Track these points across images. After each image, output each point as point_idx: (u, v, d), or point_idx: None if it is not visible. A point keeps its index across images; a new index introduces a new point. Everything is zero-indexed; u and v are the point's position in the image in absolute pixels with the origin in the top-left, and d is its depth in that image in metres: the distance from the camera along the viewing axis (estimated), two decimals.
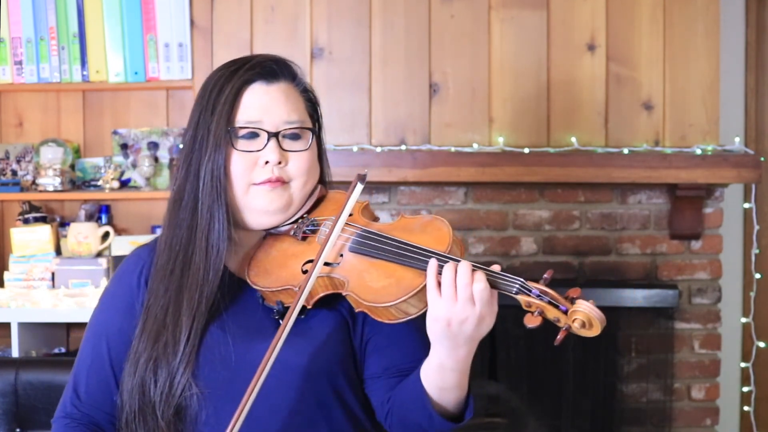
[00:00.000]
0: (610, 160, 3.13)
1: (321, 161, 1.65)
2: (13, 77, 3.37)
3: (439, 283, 1.38)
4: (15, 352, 2.95)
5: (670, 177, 3.14)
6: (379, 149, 3.14)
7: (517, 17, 3.23)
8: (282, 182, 1.54)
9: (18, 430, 2.16)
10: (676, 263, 3.29)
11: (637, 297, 3.17)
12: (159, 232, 3.36)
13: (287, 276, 1.52)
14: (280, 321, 1.49)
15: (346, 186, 1.57)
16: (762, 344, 3.39)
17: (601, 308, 1.39)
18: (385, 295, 1.43)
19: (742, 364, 3.53)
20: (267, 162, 1.53)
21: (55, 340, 3.33)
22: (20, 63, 3.35)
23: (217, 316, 1.52)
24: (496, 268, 1.41)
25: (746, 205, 3.45)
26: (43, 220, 3.39)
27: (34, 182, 3.41)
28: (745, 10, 3.74)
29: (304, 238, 1.56)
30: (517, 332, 3.30)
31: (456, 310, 1.37)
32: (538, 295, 1.38)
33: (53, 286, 3.26)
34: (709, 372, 3.33)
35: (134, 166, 3.43)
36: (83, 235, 3.25)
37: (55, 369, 2.24)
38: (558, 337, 1.37)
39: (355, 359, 1.58)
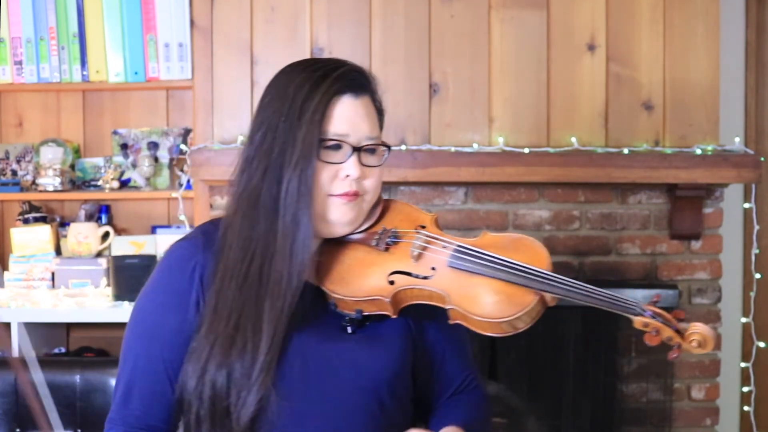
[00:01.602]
0: (610, 160, 3.13)
1: None
2: (13, 77, 3.37)
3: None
4: (15, 352, 2.95)
5: (670, 177, 3.14)
6: None
7: (517, 17, 3.23)
8: (357, 196, 1.56)
9: (18, 430, 2.16)
10: (676, 263, 3.29)
11: (637, 297, 3.14)
12: (159, 231, 3.31)
13: (372, 286, 1.54)
14: (349, 328, 1.53)
15: None
16: (762, 344, 3.39)
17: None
18: (497, 310, 1.49)
19: (742, 364, 3.53)
20: (348, 176, 1.54)
21: (55, 340, 3.33)
22: (20, 63, 3.35)
23: (296, 323, 1.51)
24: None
25: (746, 205, 3.45)
26: (43, 220, 3.39)
27: (34, 182, 3.42)
28: (745, 10, 3.74)
29: (386, 249, 1.58)
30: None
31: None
32: (653, 316, 1.49)
33: (53, 286, 3.26)
34: (709, 372, 3.33)
35: (134, 166, 3.43)
36: (83, 235, 3.25)
37: (55, 369, 2.24)
38: (673, 355, 1.50)
39: (410, 365, 1.61)
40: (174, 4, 3.32)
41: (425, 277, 1.53)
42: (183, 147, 3.37)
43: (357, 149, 1.54)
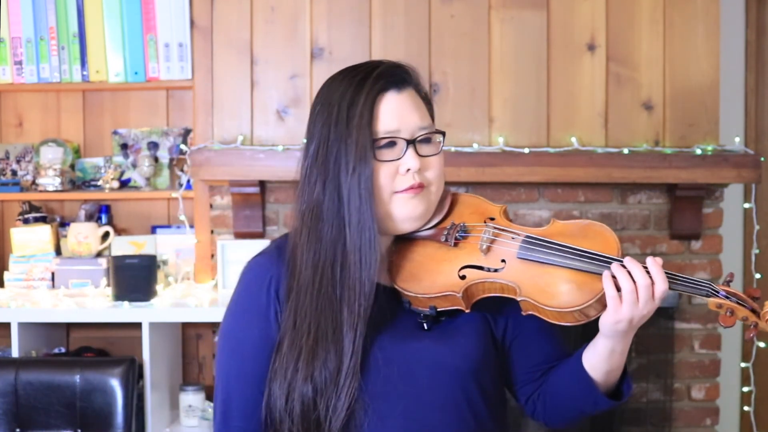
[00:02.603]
0: (610, 160, 3.13)
1: None
2: (13, 77, 3.37)
3: (618, 288, 1.46)
4: (15, 352, 2.95)
5: (670, 177, 3.14)
6: None
7: (517, 17, 3.23)
8: (422, 187, 1.56)
9: (18, 430, 2.16)
10: (676, 263, 3.29)
11: None
12: (159, 231, 3.32)
13: (444, 282, 1.54)
14: (425, 324, 1.55)
15: None
16: (762, 344, 3.39)
17: None
18: (569, 300, 1.48)
19: (742, 364, 3.53)
20: (408, 169, 1.54)
21: (55, 340, 3.33)
22: (20, 63, 3.35)
23: (373, 326, 1.53)
24: (660, 260, 1.51)
25: (746, 205, 3.45)
26: (43, 220, 3.39)
27: (34, 182, 3.41)
28: (745, 10, 3.75)
29: (455, 244, 1.58)
30: None
31: (638, 310, 1.47)
32: (726, 296, 1.49)
33: (53, 286, 3.26)
34: (709, 372, 3.33)
35: (134, 166, 3.43)
36: (83, 235, 3.25)
37: (55, 369, 2.24)
38: (750, 335, 1.50)
39: (497, 357, 1.62)
40: (174, 4, 3.32)
41: (496, 270, 1.54)
42: (183, 147, 3.37)
43: (411, 141, 1.55)
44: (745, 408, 3.49)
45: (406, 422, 1.51)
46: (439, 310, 1.55)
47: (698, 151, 3.16)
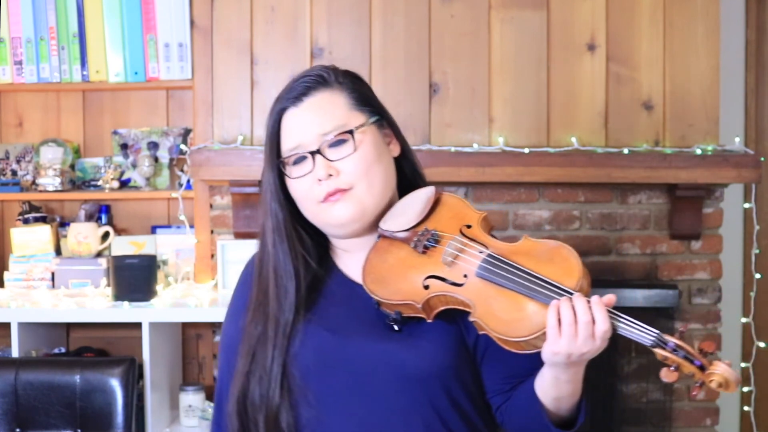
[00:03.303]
0: (610, 160, 3.13)
1: (400, 140, 1.68)
2: (13, 77, 3.37)
3: (558, 322, 1.41)
4: (15, 352, 2.95)
5: (670, 177, 3.14)
6: None
7: (517, 17, 3.23)
8: (342, 191, 1.56)
9: (18, 430, 2.16)
10: (676, 263, 3.29)
11: (637, 297, 3.17)
12: (159, 231, 3.32)
13: (408, 290, 1.51)
14: (395, 327, 1.53)
15: None
16: (762, 344, 3.39)
17: None
18: (517, 329, 1.43)
19: (742, 364, 3.53)
20: (320, 180, 1.56)
21: (55, 340, 3.33)
22: (20, 63, 3.35)
23: (315, 318, 1.58)
24: (612, 299, 1.44)
25: (746, 205, 3.45)
26: (43, 220, 3.39)
27: (34, 182, 3.41)
28: (745, 10, 3.75)
29: (424, 252, 1.54)
30: None
31: (577, 346, 1.41)
32: (674, 350, 1.41)
33: (53, 286, 3.26)
34: None
35: (134, 166, 3.43)
36: (83, 235, 3.25)
37: (55, 369, 2.24)
38: (693, 393, 1.43)
39: (472, 367, 1.60)
40: (174, 4, 3.32)
41: (458, 284, 1.49)
42: (183, 147, 3.37)
43: (315, 152, 1.56)
44: (745, 408, 3.49)
45: (372, 422, 1.51)
46: (404, 316, 1.52)
47: (698, 151, 3.16)
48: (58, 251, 3.35)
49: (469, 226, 1.56)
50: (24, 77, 3.36)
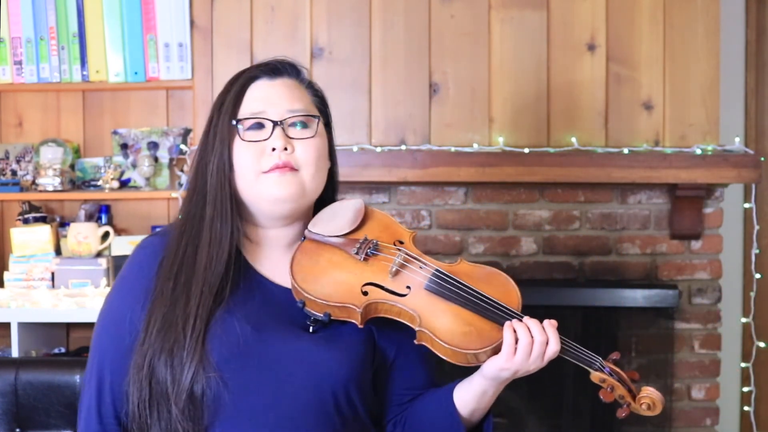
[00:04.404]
0: (610, 160, 3.13)
1: (332, 159, 1.69)
2: (13, 77, 3.37)
3: (515, 341, 1.50)
4: (15, 352, 2.95)
5: (670, 177, 3.14)
6: (379, 149, 3.14)
7: (517, 17, 3.23)
8: (291, 168, 1.56)
9: (18, 430, 2.16)
10: (676, 263, 3.29)
11: (637, 297, 3.17)
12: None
13: (345, 293, 1.54)
14: (312, 327, 1.55)
15: (348, 186, 1.59)
16: (762, 344, 3.39)
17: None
18: (466, 341, 1.51)
19: (742, 364, 3.53)
20: (274, 149, 1.56)
21: (55, 340, 3.33)
22: (20, 63, 3.35)
23: (233, 306, 1.54)
24: (554, 323, 1.54)
25: (746, 205, 3.45)
26: (43, 220, 3.39)
27: (34, 182, 3.41)
28: (745, 10, 3.75)
29: (365, 259, 1.58)
30: None
31: (527, 364, 1.52)
32: (610, 373, 1.58)
33: (53, 286, 3.26)
34: (709, 372, 3.33)
35: (134, 166, 3.43)
36: (83, 235, 3.25)
37: (55, 369, 2.24)
38: (622, 414, 1.61)
39: (371, 376, 1.61)
40: (174, 4, 3.32)
41: (400, 295, 1.55)
42: (183, 147, 3.37)
43: (278, 123, 1.57)
44: (745, 408, 3.49)
45: (276, 420, 1.50)
46: (332, 318, 1.54)
47: (698, 151, 3.16)
48: (58, 251, 3.35)
49: (401, 242, 1.62)
50: (24, 77, 3.36)
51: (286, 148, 1.56)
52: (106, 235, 3.32)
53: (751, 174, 3.14)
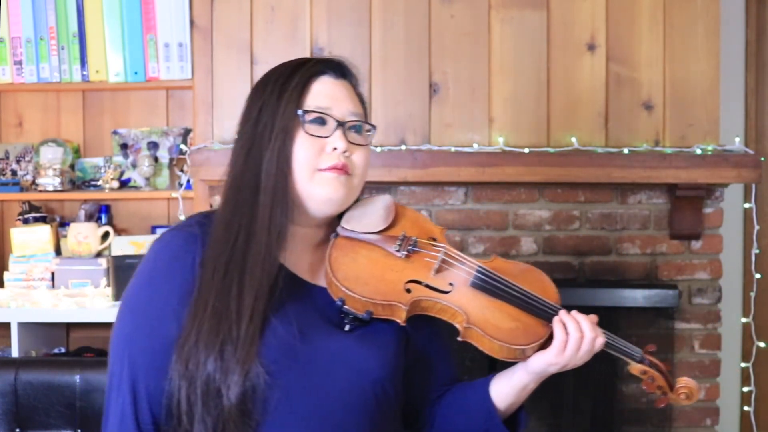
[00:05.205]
0: (610, 160, 3.13)
1: None
2: (13, 77, 3.37)
3: (566, 336, 1.54)
4: (15, 352, 2.95)
5: (670, 177, 3.14)
6: (379, 149, 3.14)
7: (517, 17, 3.23)
8: (346, 171, 1.55)
9: (18, 430, 2.16)
10: (676, 263, 3.29)
11: (637, 297, 3.17)
12: (159, 231, 3.33)
13: (389, 291, 1.53)
14: (348, 326, 1.53)
15: None
16: (762, 344, 3.39)
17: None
18: (514, 337, 1.53)
19: (742, 364, 3.53)
20: (335, 149, 1.54)
21: (55, 340, 3.33)
22: (20, 63, 3.35)
23: (280, 307, 1.50)
24: (594, 319, 1.57)
25: (746, 205, 3.45)
26: (43, 220, 3.39)
27: (34, 182, 3.41)
28: (745, 10, 3.75)
29: (407, 256, 1.57)
30: None
31: (575, 359, 1.55)
32: (650, 365, 1.63)
33: (53, 286, 3.26)
34: (709, 372, 3.32)
35: (134, 166, 3.43)
36: (83, 235, 3.25)
37: (55, 369, 2.24)
38: (661, 405, 1.64)
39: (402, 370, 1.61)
40: (174, 4, 3.32)
41: (443, 292, 1.54)
42: (183, 147, 3.37)
43: (342, 123, 1.55)
44: (745, 408, 3.49)
45: (316, 418, 1.48)
46: (373, 316, 1.53)
47: (698, 151, 3.16)
48: (58, 251, 3.35)
49: (434, 238, 1.62)
50: (24, 77, 3.36)
51: (345, 151, 1.54)
52: (106, 235, 3.32)
53: (751, 174, 3.14)
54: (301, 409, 1.47)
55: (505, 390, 1.60)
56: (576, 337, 1.53)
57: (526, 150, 3.14)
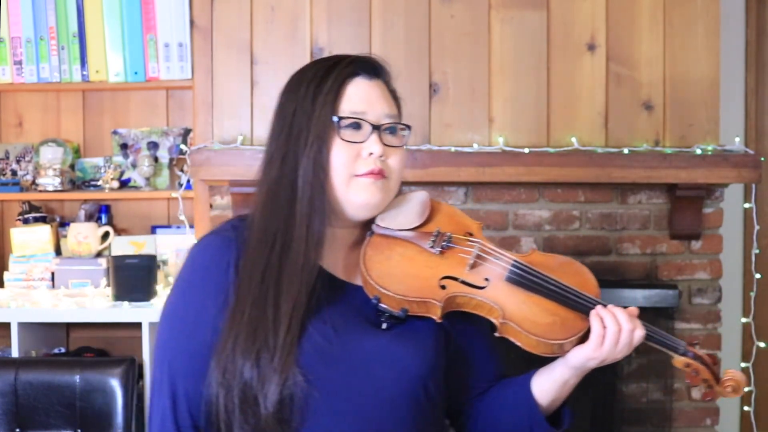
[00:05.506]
0: (610, 160, 3.13)
1: None
2: (13, 77, 3.37)
3: (603, 329, 1.52)
4: (15, 352, 2.95)
5: (670, 177, 3.14)
6: None
7: (517, 17, 3.23)
8: (383, 176, 1.55)
9: (18, 430, 2.16)
10: (676, 263, 3.29)
11: (637, 297, 3.17)
12: (159, 231, 3.32)
13: (424, 288, 1.53)
14: (385, 324, 1.52)
15: None
16: (762, 344, 3.39)
17: None
18: (551, 332, 1.51)
19: (742, 364, 3.53)
20: (371, 153, 1.54)
21: (55, 340, 3.33)
22: (20, 63, 3.35)
23: (317, 310, 1.50)
24: (635, 311, 1.56)
25: (746, 205, 3.45)
26: (43, 220, 3.39)
27: (34, 182, 3.41)
28: (745, 10, 3.75)
29: (441, 253, 1.56)
30: None
31: (614, 352, 1.53)
32: (694, 357, 1.57)
33: (53, 286, 3.26)
34: None
35: (134, 166, 3.43)
36: (83, 235, 3.25)
37: (55, 369, 2.24)
38: (707, 398, 1.59)
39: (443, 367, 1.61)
40: (174, 4, 3.32)
41: (479, 287, 1.53)
42: (183, 147, 3.37)
43: (377, 127, 1.55)
44: (745, 408, 3.49)
45: (357, 417, 1.48)
46: (409, 313, 1.52)
47: (698, 151, 3.16)
48: (58, 251, 3.35)
49: (470, 233, 1.60)
50: (24, 77, 3.36)
51: (381, 155, 1.54)
52: (106, 235, 3.32)
53: (751, 174, 3.14)
54: (340, 410, 1.48)
55: (546, 385, 1.58)
56: (614, 331, 1.51)
57: (526, 150, 3.14)
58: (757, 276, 3.39)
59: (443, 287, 1.53)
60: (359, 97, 1.56)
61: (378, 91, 1.58)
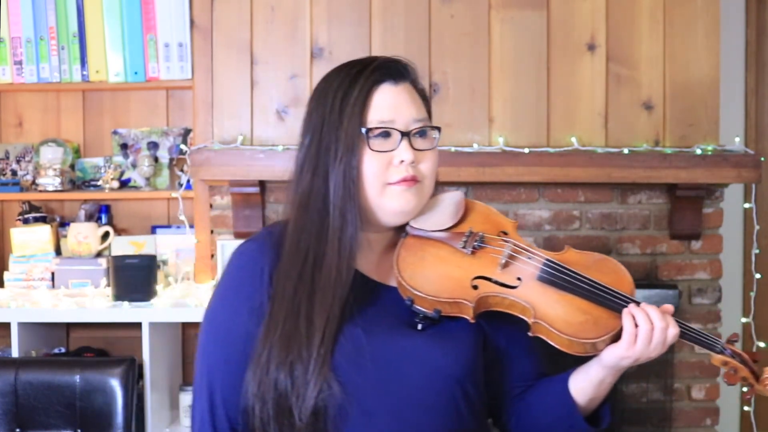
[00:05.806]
0: (610, 160, 3.13)
1: None
2: (13, 77, 3.37)
3: (635, 328, 1.50)
4: (15, 352, 2.95)
5: (670, 177, 3.14)
6: None
7: (517, 17, 3.23)
8: (416, 181, 1.55)
9: (18, 430, 2.16)
10: (676, 263, 3.29)
11: (637, 297, 3.17)
12: (159, 231, 3.32)
13: (455, 288, 1.53)
14: (420, 325, 1.52)
15: None
16: (762, 344, 3.39)
17: None
18: (583, 331, 1.50)
19: None
20: (402, 161, 1.54)
21: (55, 340, 3.33)
22: (20, 63, 3.35)
23: (350, 316, 1.51)
24: (669, 309, 1.55)
25: (746, 205, 3.45)
26: (43, 220, 3.39)
27: (34, 182, 3.41)
28: (745, 10, 3.75)
29: (472, 253, 1.56)
30: None
31: (648, 351, 1.51)
32: (732, 355, 1.55)
33: (53, 286, 3.26)
34: (709, 372, 3.33)
35: (134, 166, 3.43)
36: (83, 235, 3.25)
37: (55, 369, 2.24)
38: (747, 396, 1.57)
39: (482, 367, 1.61)
40: (174, 4, 3.32)
41: (511, 287, 1.53)
42: (183, 147, 3.37)
43: (406, 134, 1.55)
44: (745, 408, 3.49)
45: (393, 420, 1.48)
46: (442, 314, 1.52)
47: (698, 151, 3.16)
48: (58, 251, 3.35)
49: (505, 232, 1.60)
50: (24, 77, 3.36)
51: (412, 161, 1.54)
52: (106, 235, 3.32)
53: (751, 174, 3.14)
54: (375, 413, 1.48)
55: (583, 385, 1.57)
56: (646, 329, 1.50)
57: (526, 150, 3.14)
58: (757, 276, 3.39)
59: (475, 287, 1.53)
60: (386, 104, 1.55)
61: (405, 95, 1.58)
